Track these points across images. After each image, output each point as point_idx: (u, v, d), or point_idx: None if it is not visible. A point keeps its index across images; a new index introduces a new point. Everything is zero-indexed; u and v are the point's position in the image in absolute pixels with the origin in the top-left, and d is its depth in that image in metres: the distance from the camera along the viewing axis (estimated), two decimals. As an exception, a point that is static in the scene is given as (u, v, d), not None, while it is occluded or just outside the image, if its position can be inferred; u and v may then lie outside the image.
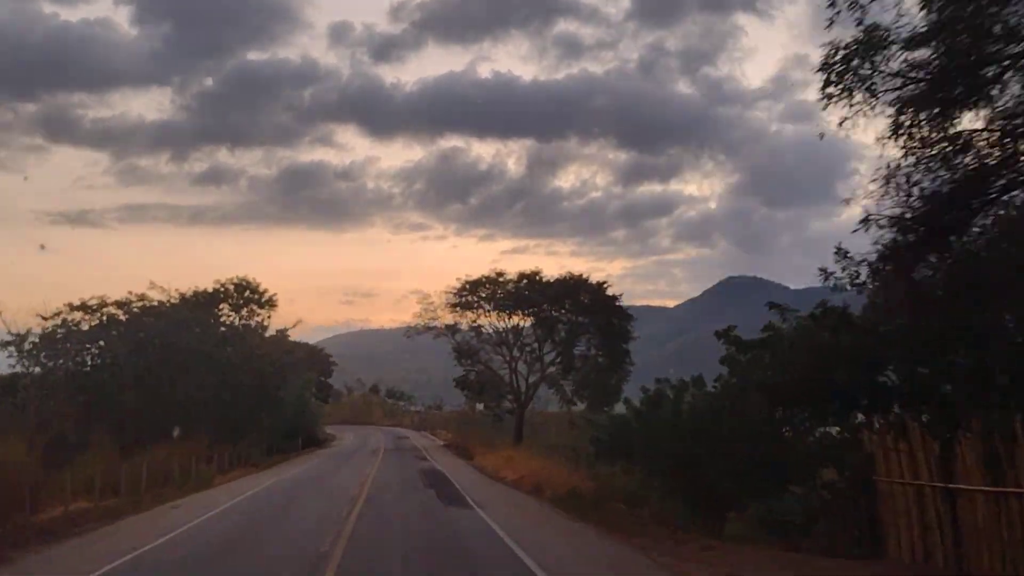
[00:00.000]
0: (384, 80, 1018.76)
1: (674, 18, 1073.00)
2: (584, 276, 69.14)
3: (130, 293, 54.49)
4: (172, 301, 56.47)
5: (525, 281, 68.67)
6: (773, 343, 25.80)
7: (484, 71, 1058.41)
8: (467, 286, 69.53)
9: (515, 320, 69.85)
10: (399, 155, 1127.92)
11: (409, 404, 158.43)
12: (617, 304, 68.48)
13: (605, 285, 68.68)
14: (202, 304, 58.42)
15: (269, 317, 61.29)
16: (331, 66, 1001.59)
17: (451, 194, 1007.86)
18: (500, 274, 69.47)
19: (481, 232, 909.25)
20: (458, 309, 69.92)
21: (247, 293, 60.18)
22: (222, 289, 59.69)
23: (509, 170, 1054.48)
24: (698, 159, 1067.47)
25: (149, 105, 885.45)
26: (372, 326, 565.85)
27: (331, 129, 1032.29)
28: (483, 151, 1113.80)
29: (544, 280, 68.85)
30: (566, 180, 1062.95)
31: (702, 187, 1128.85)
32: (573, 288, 68.13)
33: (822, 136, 20.78)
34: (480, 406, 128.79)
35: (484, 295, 69.21)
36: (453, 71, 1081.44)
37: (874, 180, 16.99)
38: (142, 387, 50.37)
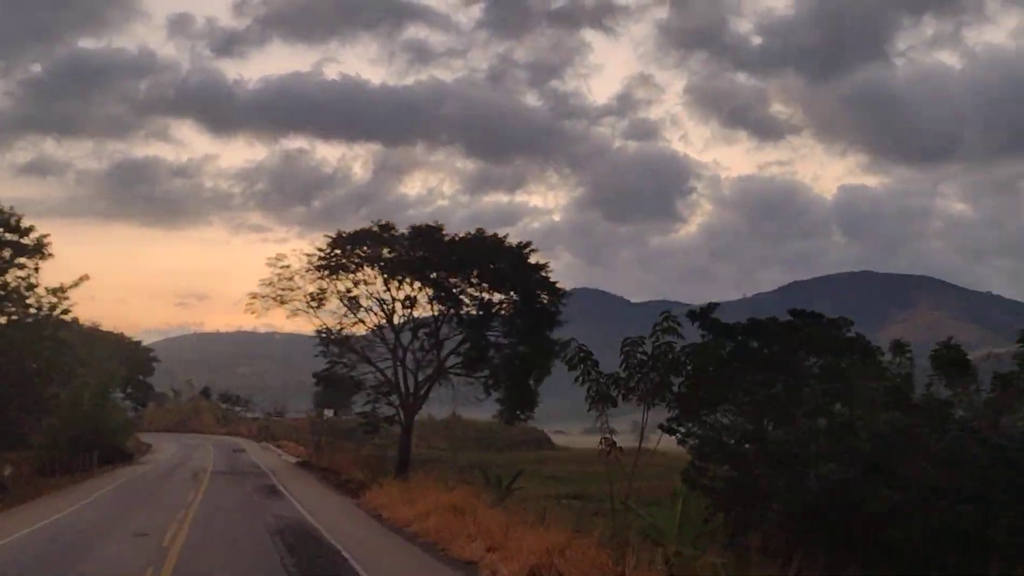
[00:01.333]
0: (226, 75, 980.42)
1: (524, 30, 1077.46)
2: (500, 236, 48.86)
3: None
4: None
5: (420, 239, 47.72)
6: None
7: (331, 72, 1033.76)
8: (340, 240, 48.05)
9: (406, 292, 48.87)
10: (240, 154, 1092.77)
11: (246, 410, 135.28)
12: (544, 275, 48.37)
13: (528, 249, 48.56)
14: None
15: (37, 269, 38.49)
16: (169, 58, 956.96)
17: (294, 196, 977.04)
18: (387, 227, 48.32)
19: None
20: (326, 273, 48.17)
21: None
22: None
23: (355, 174, 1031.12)
24: (544, 171, 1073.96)
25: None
26: (207, 329, 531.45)
27: (168, 123, 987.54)
28: (328, 153, 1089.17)
29: (447, 238, 48.16)
30: (412, 187, 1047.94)
31: (547, 199, 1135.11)
32: (486, 251, 47.65)
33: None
34: (330, 412, 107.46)
35: (364, 255, 47.85)
36: (299, 71, 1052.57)
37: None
38: None
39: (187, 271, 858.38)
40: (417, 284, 48.26)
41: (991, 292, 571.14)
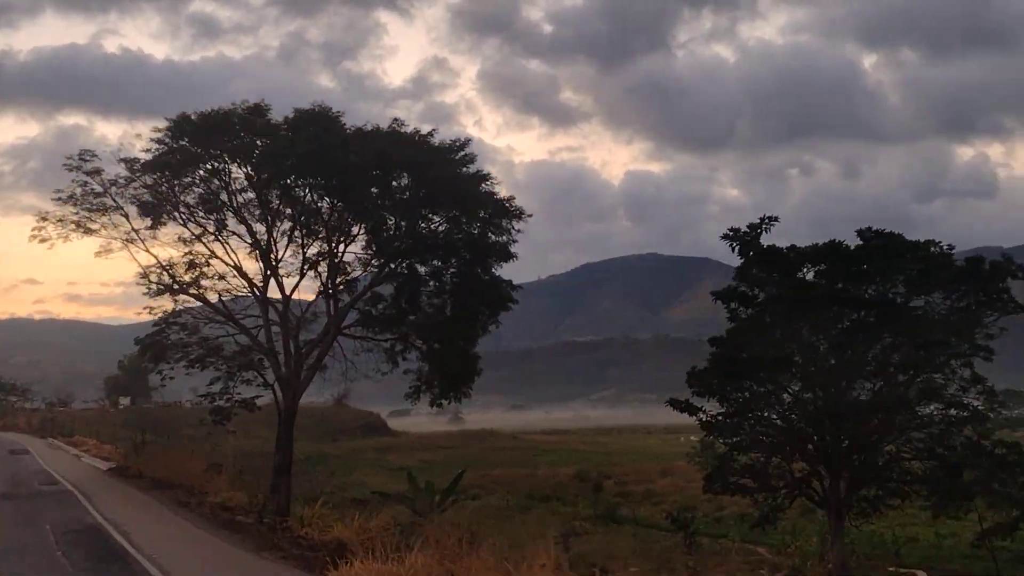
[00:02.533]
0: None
1: (316, 8, 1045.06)
2: (423, 132, 32.25)
3: None
4: None
5: (311, 128, 30.42)
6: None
7: (111, 46, 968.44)
8: (186, 126, 30.07)
9: (291, 208, 31.62)
10: (11, 130, 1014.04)
11: (24, 400, 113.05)
12: (487, 190, 32.25)
13: (464, 153, 32.22)
14: None
15: None
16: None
17: (72, 176, 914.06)
18: (259, 109, 30.71)
19: (105, 219, 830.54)
20: (167, 175, 30.18)
21: None
22: None
23: (138, 154, 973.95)
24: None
25: None
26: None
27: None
28: (108, 131, 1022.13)
29: (351, 129, 31.18)
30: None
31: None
32: (409, 148, 30.93)
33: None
34: (127, 400, 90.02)
35: (230, 144, 30.12)
36: (76, 43, 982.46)
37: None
38: None
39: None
40: (308, 193, 31.33)
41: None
